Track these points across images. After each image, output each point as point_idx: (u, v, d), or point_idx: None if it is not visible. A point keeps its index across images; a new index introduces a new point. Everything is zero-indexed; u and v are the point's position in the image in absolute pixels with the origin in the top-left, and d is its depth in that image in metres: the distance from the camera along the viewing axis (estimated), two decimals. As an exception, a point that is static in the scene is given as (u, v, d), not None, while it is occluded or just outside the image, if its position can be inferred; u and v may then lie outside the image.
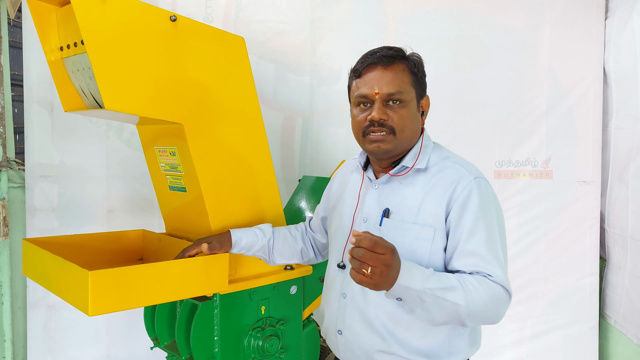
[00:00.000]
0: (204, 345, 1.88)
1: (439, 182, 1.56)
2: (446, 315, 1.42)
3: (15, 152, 3.00)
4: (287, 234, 1.98)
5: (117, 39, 1.59)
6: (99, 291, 1.47)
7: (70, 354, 2.99)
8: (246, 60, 1.97)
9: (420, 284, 1.36)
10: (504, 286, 1.45)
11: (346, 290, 1.65)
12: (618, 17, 3.11)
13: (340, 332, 1.66)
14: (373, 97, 1.56)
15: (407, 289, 1.35)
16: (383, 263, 1.28)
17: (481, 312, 1.43)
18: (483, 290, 1.42)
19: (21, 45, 2.90)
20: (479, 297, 1.40)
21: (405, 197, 1.59)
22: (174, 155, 1.90)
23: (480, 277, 1.45)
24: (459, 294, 1.39)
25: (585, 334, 3.28)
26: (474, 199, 1.51)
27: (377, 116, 1.54)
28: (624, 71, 3.06)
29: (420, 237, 1.53)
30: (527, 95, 3.24)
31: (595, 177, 3.26)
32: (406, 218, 1.56)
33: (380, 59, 1.57)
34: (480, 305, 1.41)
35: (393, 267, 1.32)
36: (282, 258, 1.95)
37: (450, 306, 1.39)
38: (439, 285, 1.38)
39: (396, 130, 1.56)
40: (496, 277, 1.45)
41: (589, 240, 3.28)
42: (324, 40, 3.14)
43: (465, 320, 1.43)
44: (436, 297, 1.38)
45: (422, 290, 1.36)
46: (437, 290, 1.38)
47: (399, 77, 1.56)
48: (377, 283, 1.30)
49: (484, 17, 3.20)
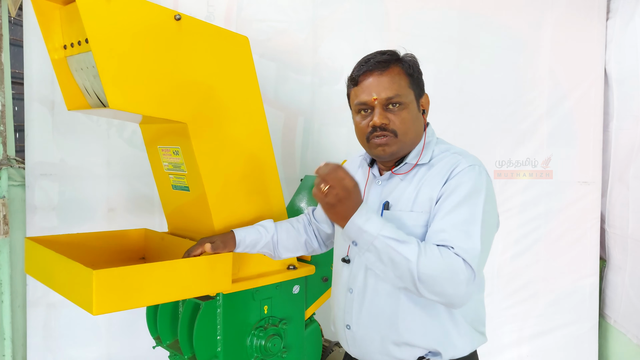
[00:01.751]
0: (207, 344, 1.88)
1: (437, 170, 1.59)
2: (397, 271, 1.41)
3: (16, 151, 3.00)
4: (290, 227, 1.98)
5: (121, 37, 1.59)
6: (103, 290, 1.46)
7: (70, 352, 2.98)
8: (250, 59, 1.96)
9: (375, 229, 1.40)
10: (465, 260, 1.41)
11: (352, 285, 1.68)
12: (619, 18, 3.11)
13: (349, 326, 1.69)
14: (372, 103, 1.59)
15: (361, 231, 1.40)
16: (341, 186, 1.38)
17: (433, 277, 1.39)
18: (439, 257, 1.40)
19: (22, 44, 2.89)
20: (432, 261, 1.39)
21: (404, 189, 1.62)
22: (178, 154, 1.90)
23: (444, 248, 1.43)
24: (412, 249, 1.39)
25: (585, 333, 3.29)
26: (464, 183, 1.52)
27: (379, 121, 1.57)
28: (625, 72, 3.07)
29: (417, 223, 1.55)
30: (528, 96, 3.24)
31: (595, 177, 3.27)
32: (404, 208, 1.59)
33: (375, 65, 1.60)
34: (433, 269, 1.39)
35: (351, 196, 1.39)
36: (287, 251, 1.96)
37: (402, 261, 1.39)
38: (394, 235, 1.41)
39: (399, 133, 1.59)
40: (459, 250, 1.42)
41: (589, 241, 3.29)
42: (326, 40, 3.14)
43: (417, 284, 1.39)
44: (389, 247, 1.39)
45: (376, 236, 1.40)
46: (391, 240, 1.40)
47: (396, 80, 1.59)
48: (329, 202, 1.38)
49: (485, 18, 3.20)
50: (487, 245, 1.52)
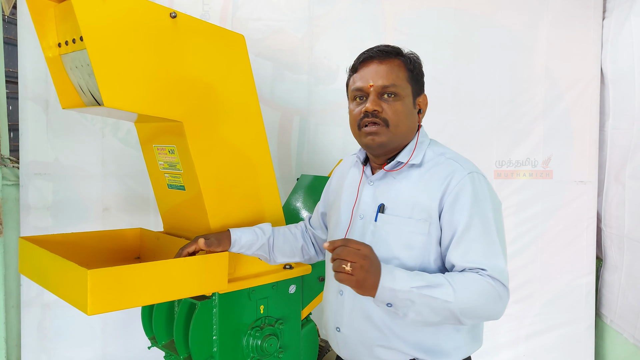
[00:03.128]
0: (203, 344, 1.87)
1: (433, 176, 1.56)
2: (439, 315, 1.40)
3: (10, 150, 2.98)
4: (287, 232, 1.97)
5: (116, 35, 1.57)
6: (98, 290, 1.45)
7: (64, 353, 2.96)
8: (246, 58, 1.95)
9: (405, 284, 1.36)
10: (499, 280, 1.43)
11: (343, 287, 1.65)
12: (615, 17, 3.12)
13: (339, 329, 1.66)
14: (368, 89, 1.58)
15: (393, 291, 1.36)
16: (360, 256, 1.32)
17: (474, 308, 1.41)
18: (473, 287, 1.40)
19: (16, 42, 2.87)
20: (468, 293, 1.39)
21: (399, 192, 1.59)
22: (173, 153, 1.89)
23: (471, 274, 1.43)
24: (447, 290, 1.38)
25: (582, 333, 3.30)
26: (467, 194, 1.50)
27: (371, 107, 1.55)
28: (621, 71, 3.07)
29: (416, 231, 1.53)
30: (525, 95, 3.24)
31: (591, 177, 3.28)
32: (401, 213, 1.56)
33: (377, 54, 1.60)
34: (471, 301, 1.39)
35: (372, 263, 1.35)
36: (283, 256, 1.94)
37: (441, 305, 1.38)
38: (424, 283, 1.38)
39: (390, 123, 1.56)
40: (490, 272, 1.43)
41: (586, 240, 3.29)
42: (322, 39, 3.13)
43: (460, 318, 1.40)
44: (424, 296, 1.37)
45: (409, 290, 1.36)
46: (424, 288, 1.37)
47: (394, 71, 1.58)
48: (359, 279, 1.33)
49: (481, 17, 3.20)
50: (506, 251, 1.53)
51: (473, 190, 1.51)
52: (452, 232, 1.50)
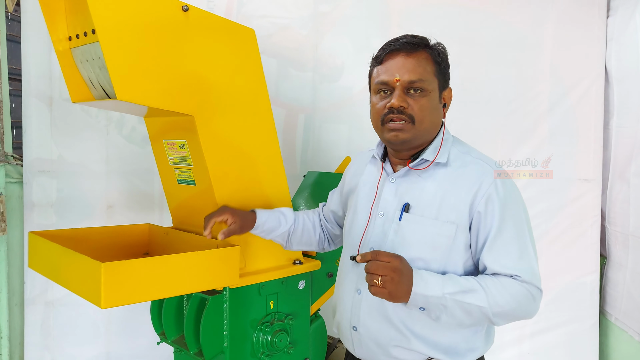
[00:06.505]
0: (213, 339, 1.86)
1: (461, 177, 1.52)
2: (472, 318, 1.43)
3: (13, 147, 2.96)
4: (307, 222, 1.95)
5: (129, 28, 1.56)
6: (111, 283, 1.44)
7: (68, 351, 2.95)
8: (256, 52, 1.95)
9: (438, 290, 1.38)
10: (532, 283, 1.45)
11: (361, 286, 1.61)
12: (620, 15, 3.12)
13: (355, 328, 1.63)
14: (394, 84, 1.51)
15: (426, 297, 1.38)
16: (390, 269, 1.36)
17: (507, 312, 1.43)
18: (506, 291, 1.42)
19: (19, 39, 2.86)
20: (501, 298, 1.41)
21: (424, 191, 1.55)
22: (184, 148, 1.88)
23: (504, 278, 1.44)
24: (480, 295, 1.40)
25: (586, 331, 3.29)
26: (500, 197, 1.49)
27: (397, 103, 1.49)
28: (626, 69, 3.07)
29: (441, 233, 1.50)
30: (529, 93, 3.24)
31: (596, 174, 3.28)
32: (427, 213, 1.52)
33: (403, 45, 1.53)
34: (505, 305, 1.41)
35: (403, 273, 1.37)
36: (300, 245, 1.93)
37: (474, 309, 1.40)
38: (457, 288, 1.40)
39: (415, 119, 1.51)
40: (524, 276, 1.44)
41: (590, 238, 3.29)
42: (327, 36, 3.12)
43: (493, 320, 1.43)
44: (458, 302, 1.39)
45: (442, 296, 1.39)
46: (457, 294, 1.39)
47: (422, 65, 1.52)
48: (391, 291, 1.36)
49: (486, 15, 3.20)
50: (536, 251, 1.54)
51: (505, 193, 1.50)
52: (484, 236, 1.49)
